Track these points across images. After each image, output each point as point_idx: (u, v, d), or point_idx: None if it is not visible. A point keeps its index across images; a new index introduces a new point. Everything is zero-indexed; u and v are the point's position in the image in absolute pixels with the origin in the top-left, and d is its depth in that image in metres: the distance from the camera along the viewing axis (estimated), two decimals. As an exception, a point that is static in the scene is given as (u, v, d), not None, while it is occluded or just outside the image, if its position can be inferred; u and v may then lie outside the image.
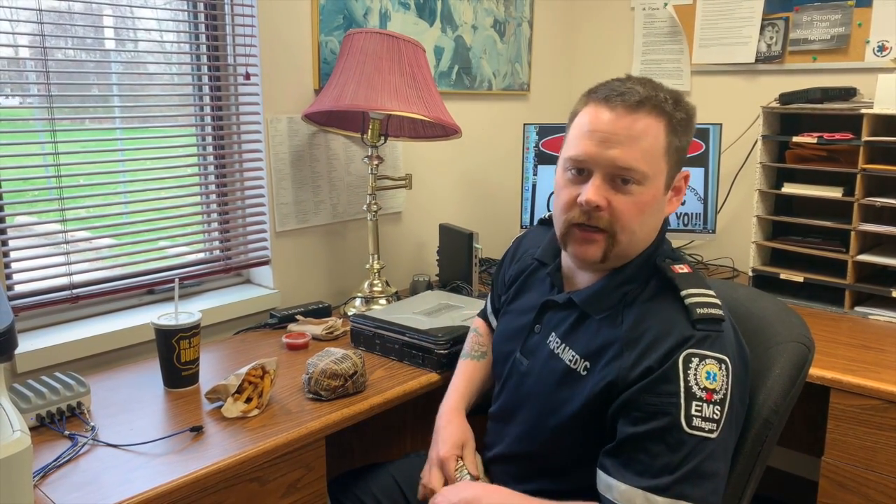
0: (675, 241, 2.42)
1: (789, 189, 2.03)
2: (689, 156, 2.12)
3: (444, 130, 1.93)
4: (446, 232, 2.12)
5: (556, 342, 1.11)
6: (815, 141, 1.92)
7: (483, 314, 1.48)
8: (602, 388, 1.01)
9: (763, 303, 1.20)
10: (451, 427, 1.27)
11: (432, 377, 1.52)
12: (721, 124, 2.14)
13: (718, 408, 0.94)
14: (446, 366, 1.52)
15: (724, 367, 0.96)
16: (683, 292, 1.00)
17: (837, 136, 1.89)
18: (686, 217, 2.16)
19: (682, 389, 0.93)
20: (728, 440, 0.97)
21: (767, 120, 2.03)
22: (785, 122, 2.09)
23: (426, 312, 1.71)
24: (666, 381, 0.94)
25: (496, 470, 1.24)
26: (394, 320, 1.63)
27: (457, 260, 2.06)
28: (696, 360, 0.95)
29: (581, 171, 1.04)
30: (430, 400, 1.57)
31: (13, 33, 1.49)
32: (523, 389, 1.16)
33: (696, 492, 0.92)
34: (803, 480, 2.27)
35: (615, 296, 1.05)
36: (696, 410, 0.93)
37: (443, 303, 1.79)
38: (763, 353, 1.10)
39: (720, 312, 0.99)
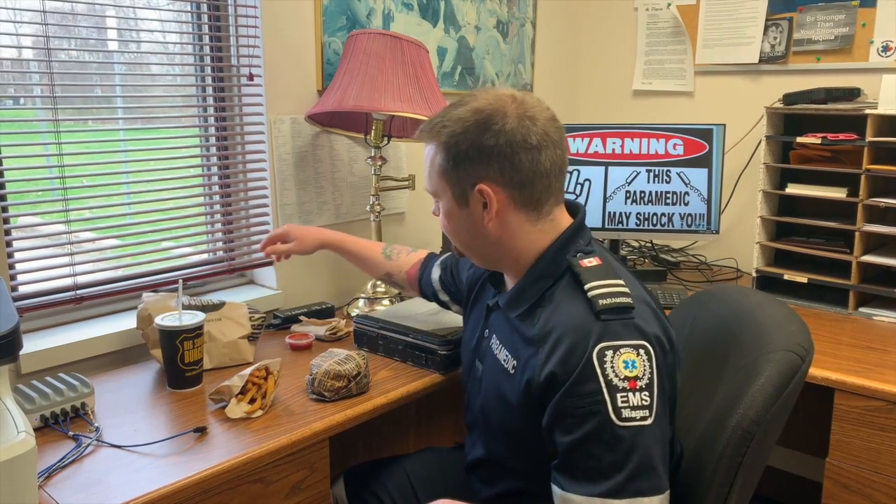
0: (679, 241, 2.45)
1: (793, 190, 2.02)
2: (692, 156, 2.14)
3: (447, 131, 1.92)
4: (449, 232, 2.12)
5: (497, 344, 1.16)
6: (819, 141, 1.92)
7: (432, 257, 1.58)
8: (524, 387, 1.04)
9: (770, 310, 1.17)
10: (310, 228, 1.65)
11: (436, 377, 1.52)
12: (724, 125, 2.14)
13: (647, 393, 0.94)
14: (450, 366, 1.52)
15: (642, 351, 0.95)
16: (587, 285, 1.01)
17: (841, 136, 1.88)
18: (689, 218, 2.16)
19: (603, 385, 0.93)
20: (664, 423, 0.97)
21: (771, 120, 2.03)
22: (789, 122, 2.09)
23: (429, 313, 1.71)
24: (585, 380, 0.94)
25: (472, 476, 1.27)
26: (397, 321, 1.63)
27: (460, 260, 2.05)
28: (610, 353, 0.94)
29: None
30: (433, 400, 1.58)
31: (17, 35, 1.49)
32: (481, 394, 1.20)
33: (648, 484, 0.93)
34: (807, 482, 2.27)
35: (531, 293, 1.08)
36: (623, 402, 0.93)
37: (446, 303, 1.79)
38: (753, 361, 1.07)
39: (627, 301, 0.99)
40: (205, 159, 1.85)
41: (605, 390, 0.93)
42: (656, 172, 2.16)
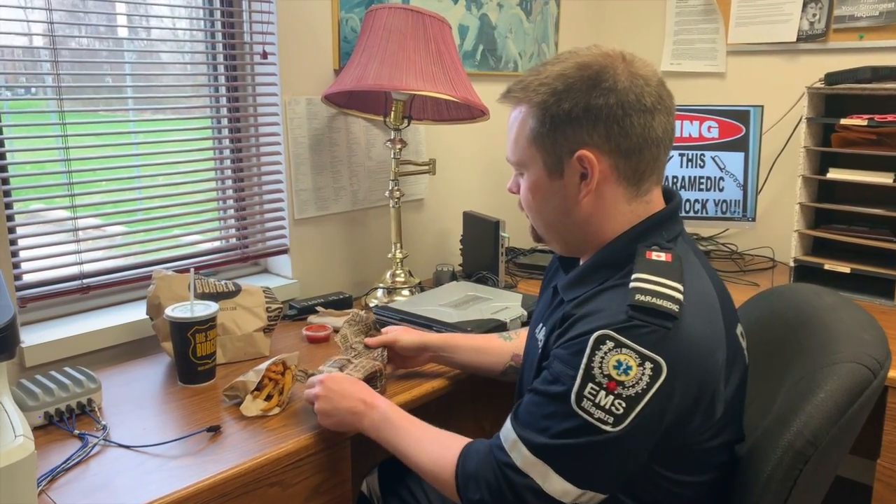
0: (709, 229, 2.35)
1: (835, 175, 1.91)
2: (727, 140, 2.04)
3: (469, 112, 1.83)
4: (471, 220, 2.03)
5: (540, 324, 1.08)
6: (865, 123, 1.81)
7: None
8: (539, 359, 0.99)
9: (843, 314, 1.03)
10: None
11: (460, 373, 1.43)
12: (762, 106, 2.03)
13: (622, 403, 0.85)
14: (476, 361, 1.44)
15: (649, 366, 0.84)
16: (634, 275, 0.90)
17: (890, 117, 1.77)
18: (724, 204, 2.06)
19: (582, 367, 0.86)
20: (635, 447, 0.87)
21: (812, 101, 1.92)
22: (830, 103, 1.98)
23: (453, 304, 1.63)
24: (575, 353, 0.88)
25: None
26: (419, 313, 1.55)
27: (482, 249, 1.97)
28: (609, 344, 0.86)
29: None
30: (455, 395, 1.49)
31: (27, 21, 1.41)
32: (523, 377, 1.15)
33: (564, 466, 0.88)
34: (857, 484, 2.17)
35: (592, 280, 0.97)
36: (591, 393, 0.86)
37: (470, 294, 1.71)
38: (814, 373, 0.94)
39: (670, 308, 0.86)
40: (217, 142, 1.77)
41: (580, 372, 0.86)
42: (689, 156, 2.06)
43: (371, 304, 1.79)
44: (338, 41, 1.82)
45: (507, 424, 0.95)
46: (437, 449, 1.03)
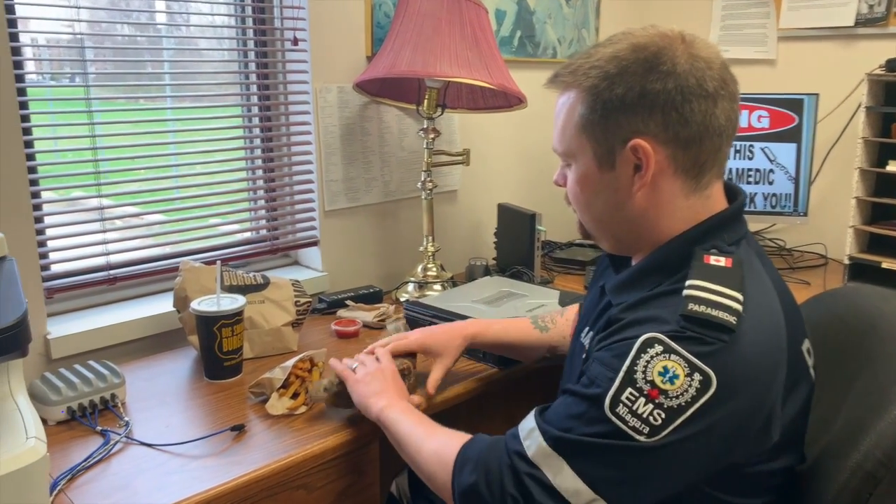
0: (758, 224, 2.24)
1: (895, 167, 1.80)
2: (778, 130, 1.93)
3: (506, 100, 1.76)
4: (506, 212, 1.96)
5: (587, 328, 1.01)
6: (931, 113, 1.69)
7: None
8: (580, 364, 0.94)
9: None
10: (444, 328, 1.29)
11: (493, 372, 1.37)
12: (817, 94, 1.92)
13: (662, 414, 0.77)
14: (508, 361, 1.38)
15: (696, 377, 0.76)
16: (689, 281, 0.82)
17: (958, 106, 1.66)
18: (774, 198, 1.95)
19: (623, 369, 0.79)
20: (665, 465, 0.79)
21: (872, 89, 1.80)
22: (889, 91, 1.86)
23: (486, 301, 1.56)
24: (617, 355, 0.81)
25: None
26: (452, 309, 1.49)
27: (517, 243, 1.90)
28: (658, 348, 0.78)
29: None
30: (486, 394, 1.44)
31: (57, 6, 1.38)
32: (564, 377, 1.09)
33: (583, 464, 0.80)
34: None
35: (645, 284, 0.89)
36: (628, 399, 0.78)
37: (504, 290, 1.64)
38: (887, 386, 0.86)
39: (727, 320, 0.78)
40: (247, 131, 1.73)
41: (621, 375, 0.79)
42: (738, 147, 1.95)
43: (401, 299, 1.74)
44: (370, 27, 1.76)
45: (529, 416, 0.88)
46: (442, 440, 0.96)
